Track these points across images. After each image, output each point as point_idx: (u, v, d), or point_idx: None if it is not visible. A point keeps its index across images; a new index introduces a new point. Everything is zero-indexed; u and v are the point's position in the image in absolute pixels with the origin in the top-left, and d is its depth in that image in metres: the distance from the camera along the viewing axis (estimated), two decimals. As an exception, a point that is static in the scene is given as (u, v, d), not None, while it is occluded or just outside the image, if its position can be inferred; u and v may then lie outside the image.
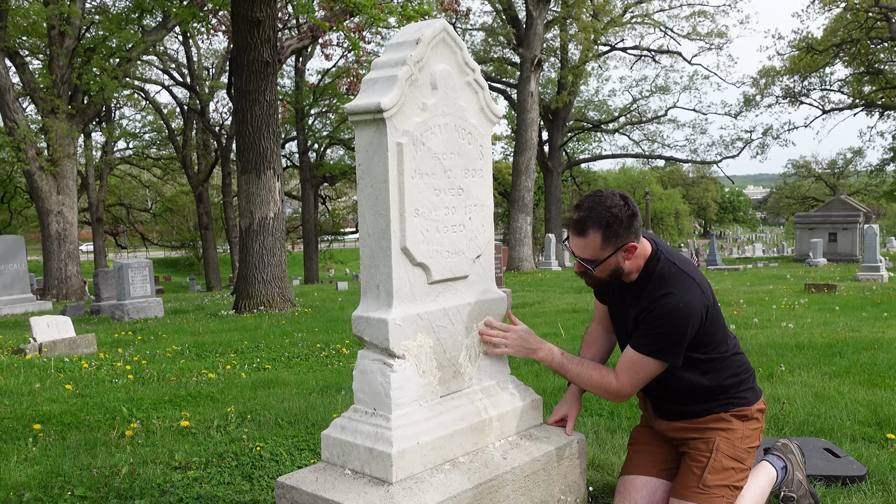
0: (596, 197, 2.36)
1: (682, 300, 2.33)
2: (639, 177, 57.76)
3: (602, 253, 2.37)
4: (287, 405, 4.45)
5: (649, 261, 2.44)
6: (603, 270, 2.42)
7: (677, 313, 2.32)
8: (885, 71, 29.59)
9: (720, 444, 2.43)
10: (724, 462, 2.41)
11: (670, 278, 2.38)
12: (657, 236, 2.58)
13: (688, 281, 2.38)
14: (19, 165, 19.49)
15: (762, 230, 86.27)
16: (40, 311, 14.23)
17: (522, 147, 23.94)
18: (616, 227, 2.32)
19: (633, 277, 2.47)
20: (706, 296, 2.38)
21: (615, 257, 2.38)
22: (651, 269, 2.42)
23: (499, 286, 8.82)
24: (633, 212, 2.34)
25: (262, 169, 11.45)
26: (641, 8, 30.42)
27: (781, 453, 2.71)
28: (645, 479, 2.53)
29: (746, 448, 2.47)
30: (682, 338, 2.34)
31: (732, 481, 2.41)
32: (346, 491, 2.17)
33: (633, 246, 2.37)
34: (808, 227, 26.57)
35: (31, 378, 5.64)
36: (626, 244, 2.35)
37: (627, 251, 2.37)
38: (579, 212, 2.37)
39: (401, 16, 12.71)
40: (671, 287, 2.36)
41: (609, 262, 2.39)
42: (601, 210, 2.32)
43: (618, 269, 2.42)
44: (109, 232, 41.60)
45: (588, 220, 2.34)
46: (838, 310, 9.15)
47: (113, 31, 19.49)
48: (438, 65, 2.34)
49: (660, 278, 2.40)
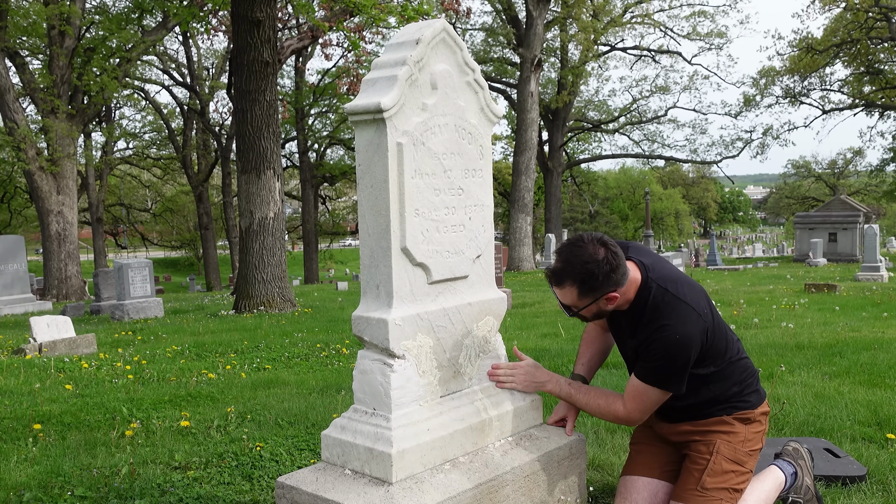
0: (574, 248, 2.32)
1: (678, 331, 2.30)
2: (639, 177, 57.75)
3: (580, 302, 2.37)
4: (287, 405, 4.45)
5: (640, 290, 2.40)
6: (586, 313, 2.44)
7: (676, 346, 2.30)
8: (885, 71, 29.59)
9: (720, 446, 2.42)
10: (723, 465, 2.40)
11: (664, 308, 2.34)
12: (646, 250, 2.53)
13: (683, 308, 2.34)
14: (19, 165, 19.52)
15: (762, 230, 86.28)
16: (40, 311, 14.23)
17: (522, 147, 23.94)
18: (591, 282, 2.30)
19: (625, 307, 2.45)
20: (703, 318, 2.34)
21: (595, 304, 2.38)
22: (644, 299, 2.39)
23: (499, 286, 8.82)
24: (611, 266, 2.29)
25: (262, 169, 11.45)
26: (641, 8, 30.42)
27: (792, 459, 2.68)
28: (646, 481, 2.52)
29: (748, 451, 2.45)
30: (684, 368, 2.33)
31: (732, 484, 2.40)
32: (346, 491, 2.17)
33: (615, 297, 2.35)
34: (808, 227, 26.57)
35: (31, 378, 5.64)
36: (606, 295, 2.34)
37: (609, 300, 2.37)
38: (557, 261, 2.36)
39: (401, 16, 12.71)
40: (667, 318, 2.32)
41: (590, 308, 2.40)
42: (577, 264, 2.30)
43: (600, 312, 2.43)
44: (109, 232, 41.59)
45: (564, 273, 2.33)
46: (838, 310, 9.15)
47: (113, 31, 19.48)
48: (438, 65, 2.34)
49: (654, 309, 2.36)
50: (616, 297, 2.35)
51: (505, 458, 2.42)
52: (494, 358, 2.62)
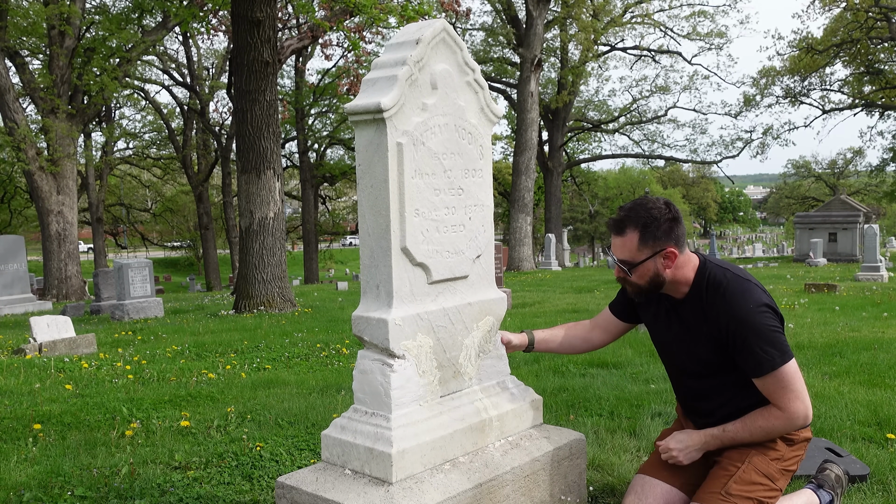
0: (639, 200, 2.36)
1: (751, 301, 2.25)
2: (639, 177, 57.72)
3: (639, 254, 2.32)
4: (287, 405, 4.45)
5: (699, 271, 2.37)
6: (641, 276, 2.36)
7: (755, 315, 2.23)
8: (885, 71, 29.58)
9: (754, 457, 2.34)
10: (752, 476, 2.32)
11: (727, 283, 2.30)
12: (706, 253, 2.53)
13: (745, 283, 2.31)
14: (19, 165, 19.49)
15: (762, 230, 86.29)
16: (40, 311, 14.23)
17: (522, 147, 23.93)
18: (654, 228, 2.28)
19: (684, 290, 2.39)
20: (767, 294, 2.32)
21: (653, 262, 2.32)
22: (703, 280, 2.35)
23: (499, 286, 8.82)
24: (674, 216, 2.30)
25: (262, 169, 11.45)
26: (641, 8, 30.41)
27: (832, 489, 2.57)
28: (666, 488, 2.43)
29: (781, 469, 2.37)
30: (778, 332, 2.24)
31: (758, 495, 2.30)
32: (346, 491, 2.17)
33: (673, 252, 2.31)
34: (808, 227, 26.57)
35: (31, 378, 5.64)
36: (665, 249, 2.30)
37: (667, 258, 2.31)
38: (620, 212, 2.35)
39: (401, 16, 12.71)
40: (732, 294, 2.28)
41: (647, 266, 2.33)
42: (641, 210, 2.30)
43: (656, 275, 2.35)
44: (109, 232, 41.59)
45: (627, 219, 2.32)
46: (838, 310, 9.15)
47: (113, 31, 19.47)
48: (438, 65, 2.34)
49: (716, 285, 2.31)
50: (675, 253, 2.30)
51: (505, 458, 2.42)
52: (495, 358, 2.62)
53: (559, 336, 2.81)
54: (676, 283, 2.38)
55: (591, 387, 4.73)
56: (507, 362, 2.70)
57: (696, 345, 2.40)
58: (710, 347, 2.35)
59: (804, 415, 2.28)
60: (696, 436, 2.41)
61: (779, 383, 2.24)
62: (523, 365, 5.69)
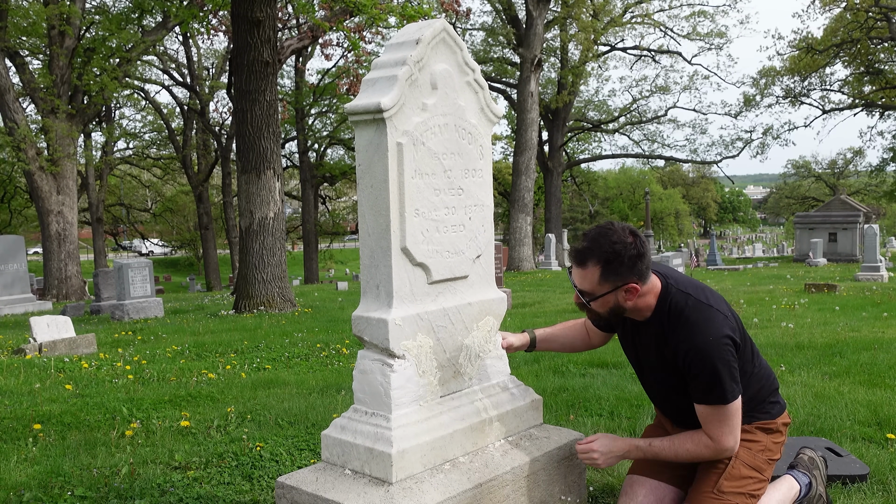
0: (603, 229, 2.28)
1: (710, 333, 2.24)
2: (639, 177, 57.74)
3: (600, 288, 2.28)
4: (287, 405, 4.45)
5: (661, 298, 2.35)
6: (601, 305, 2.33)
7: (714, 347, 2.22)
8: (885, 71, 29.58)
9: (740, 452, 2.37)
10: (741, 470, 2.35)
11: (688, 312, 2.29)
12: (663, 265, 2.49)
13: (707, 311, 2.29)
14: (19, 165, 19.49)
15: (762, 230, 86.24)
16: (40, 311, 14.23)
17: (522, 147, 23.93)
18: (616, 265, 2.23)
19: (646, 315, 2.38)
20: (729, 319, 2.31)
21: (614, 295, 2.29)
22: (665, 306, 2.33)
23: (499, 286, 8.82)
24: (639, 252, 2.24)
25: (262, 169, 11.45)
26: (641, 8, 30.40)
27: (807, 469, 2.64)
28: (655, 484, 2.47)
29: (766, 459, 2.41)
30: (732, 367, 2.25)
31: (749, 490, 2.35)
32: (346, 491, 2.17)
33: (635, 287, 2.27)
34: (808, 227, 26.57)
35: (31, 378, 5.64)
36: (627, 284, 2.27)
37: (628, 292, 2.29)
38: (583, 241, 2.30)
39: (401, 16, 12.71)
40: (693, 323, 2.26)
41: (607, 298, 2.30)
42: (604, 244, 2.24)
43: (617, 307, 2.33)
44: (109, 232, 41.59)
45: (589, 252, 2.26)
46: (838, 310, 9.15)
47: (113, 32, 19.46)
48: (438, 65, 2.34)
49: (677, 313, 2.30)
50: (637, 288, 2.27)
51: (505, 458, 2.42)
52: (495, 358, 2.62)
53: (560, 335, 2.82)
54: (638, 310, 2.37)
55: (591, 387, 4.74)
56: (507, 362, 2.71)
57: (657, 365, 2.43)
58: (668, 370, 2.38)
59: (731, 449, 2.31)
60: (621, 443, 2.43)
61: (719, 417, 2.27)
62: (523, 365, 5.69)
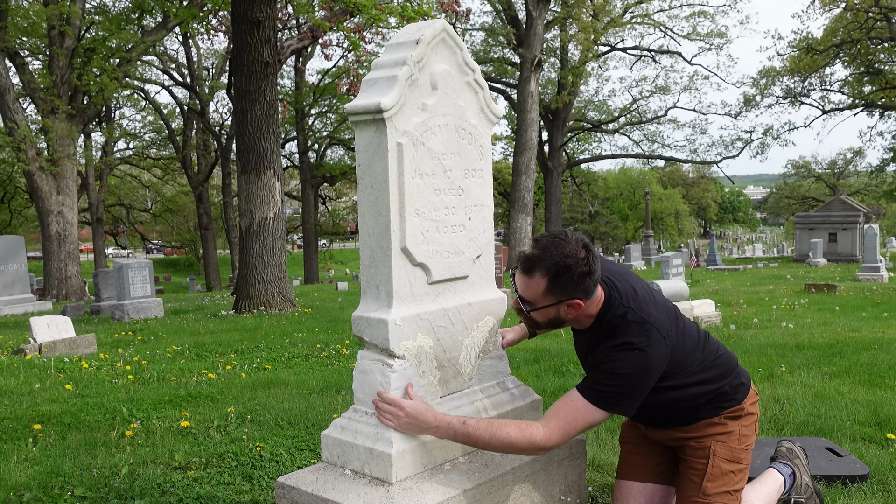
0: (556, 239, 2.19)
1: (636, 349, 2.18)
2: (639, 177, 57.73)
3: (543, 300, 2.23)
4: (287, 405, 4.45)
5: (603, 309, 2.29)
6: (541, 316, 2.28)
7: (635, 365, 2.16)
8: (885, 71, 29.57)
9: (716, 448, 2.36)
10: (722, 466, 2.35)
11: (625, 326, 2.22)
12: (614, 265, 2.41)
13: (644, 327, 2.21)
14: (19, 165, 19.49)
15: (762, 230, 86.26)
16: (40, 311, 14.23)
17: (522, 147, 23.92)
18: (565, 279, 2.16)
19: (587, 324, 2.33)
20: (667, 339, 2.22)
21: (556, 308, 2.24)
22: (605, 318, 2.28)
23: (499, 286, 8.82)
24: (589, 269, 2.17)
25: (262, 169, 11.45)
26: (641, 8, 30.40)
27: (788, 459, 2.66)
28: (642, 486, 2.49)
29: (744, 447, 2.41)
30: (638, 392, 2.19)
31: (732, 486, 2.36)
32: (346, 491, 2.17)
33: (579, 303, 2.22)
34: (808, 227, 26.59)
35: (31, 378, 5.64)
36: (571, 300, 2.21)
37: (571, 307, 2.23)
38: (534, 248, 2.21)
39: (401, 16, 12.71)
40: (626, 336, 2.20)
41: (549, 310, 2.25)
42: (556, 255, 2.15)
43: (557, 319, 2.28)
44: (109, 232, 41.58)
45: (538, 262, 2.18)
46: (838, 310, 9.15)
47: (113, 32, 19.47)
48: (438, 65, 2.34)
49: (615, 327, 2.24)
50: (580, 304, 2.22)
51: (505, 459, 2.42)
52: (495, 358, 2.63)
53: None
54: (578, 321, 2.33)
55: (591, 387, 4.73)
56: (508, 362, 2.71)
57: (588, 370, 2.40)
58: None
59: (546, 447, 2.19)
60: (431, 417, 2.20)
61: (567, 406, 2.21)
62: (523, 365, 5.69)
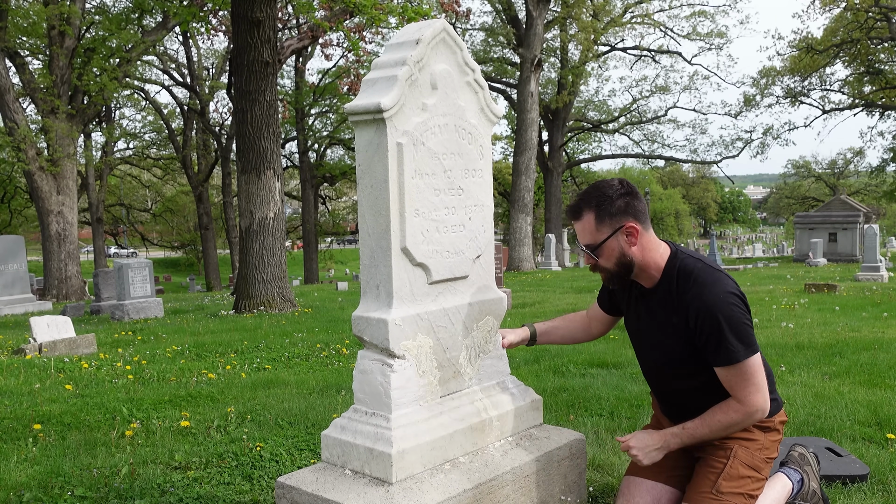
0: (593, 183, 2.40)
1: (721, 290, 2.23)
2: (639, 177, 57.73)
3: (599, 234, 2.31)
4: (287, 405, 4.45)
5: (670, 260, 2.35)
6: (608, 258, 2.33)
7: (725, 305, 2.21)
8: (885, 71, 29.58)
9: (738, 451, 2.35)
10: (740, 470, 2.33)
11: (698, 272, 2.28)
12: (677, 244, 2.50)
13: (716, 273, 2.29)
14: (19, 165, 19.48)
15: (762, 230, 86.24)
16: (40, 311, 14.23)
17: (522, 147, 23.93)
18: (607, 205, 2.28)
19: (655, 277, 2.37)
20: (736, 285, 2.30)
21: (615, 240, 2.30)
22: (673, 270, 2.34)
23: (499, 286, 8.81)
24: (628, 191, 2.30)
25: (262, 169, 11.45)
26: (641, 8, 30.42)
27: (798, 465, 2.63)
28: (651, 485, 2.45)
29: (764, 458, 2.39)
30: (745, 324, 2.23)
31: (747, 490, 2.33)
32: (346, 491, 2.17)
33: (633, 227, 2.29)
34: (808, 227, 26.58)
35: (31, 378, 5.64)
36: (624, 225, 2.29)
37: (629, 234, 2.29)
38: (576, 197, 2.40)
39: (401, 16, 12.70)
40: (703, 283, 2.26)
41: (611, 245, 2.31)
42: (593, 191, 2.33)
43: (623, 255, 2.32)
44: (109, 232, 41.58)
45: (581, 202, 2.35)
46: (838, 310, 9.14)
47: (113, 32, 19.47)
48: (438, 65, 2.34)
49: (686, 274, 2.30)
50: (636, 229, 2.29)
51: (505, 459, 2.42)
52: (495, 358, 2.63)
53: (560, 326, 2.82)
54: (646, 267, 2.36)
55: (591, 387, 4.73)
56: (507, 362, 2.71)
57: (664, 336, 2.39)
58: (676, 339, 2.34)
59: (762, 408, 2.28)
60: (657, 436, 2.39)
61: (741, 375, 2.24)
62: (523, 365, 5.69)
